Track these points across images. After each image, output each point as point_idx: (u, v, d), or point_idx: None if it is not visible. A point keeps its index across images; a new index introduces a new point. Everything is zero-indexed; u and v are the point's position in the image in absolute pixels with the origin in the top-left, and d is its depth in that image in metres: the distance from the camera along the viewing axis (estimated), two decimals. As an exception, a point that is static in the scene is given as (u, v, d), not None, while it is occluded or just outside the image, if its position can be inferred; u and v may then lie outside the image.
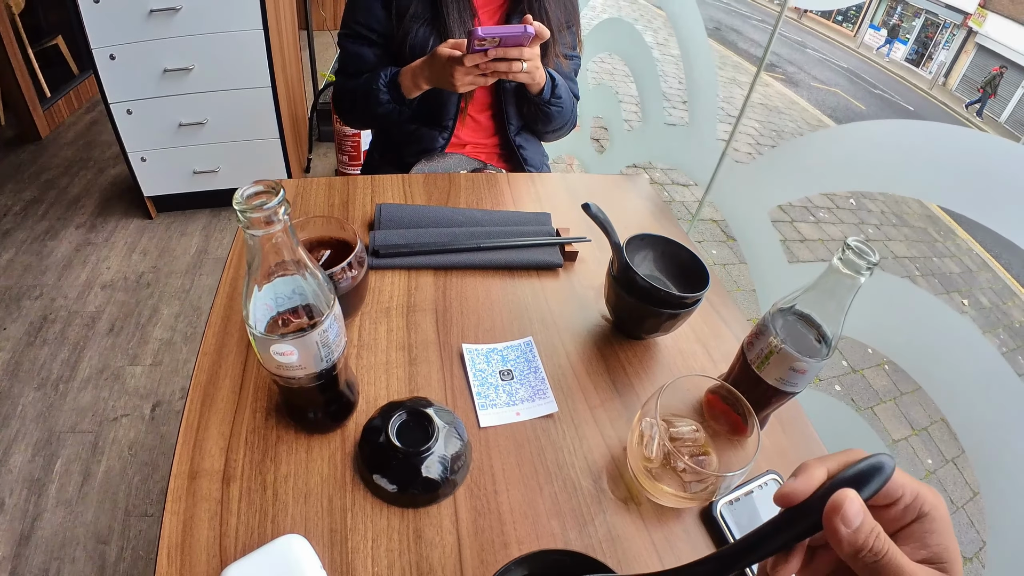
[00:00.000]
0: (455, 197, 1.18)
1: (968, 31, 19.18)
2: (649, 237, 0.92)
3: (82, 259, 2.62)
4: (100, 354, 2.18)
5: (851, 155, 1.27)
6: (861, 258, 0.60)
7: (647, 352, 0.90)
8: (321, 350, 0.61)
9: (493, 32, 1.07)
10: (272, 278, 0.56)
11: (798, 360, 0.67)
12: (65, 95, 3.76)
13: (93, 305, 2.39)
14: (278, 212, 0.51)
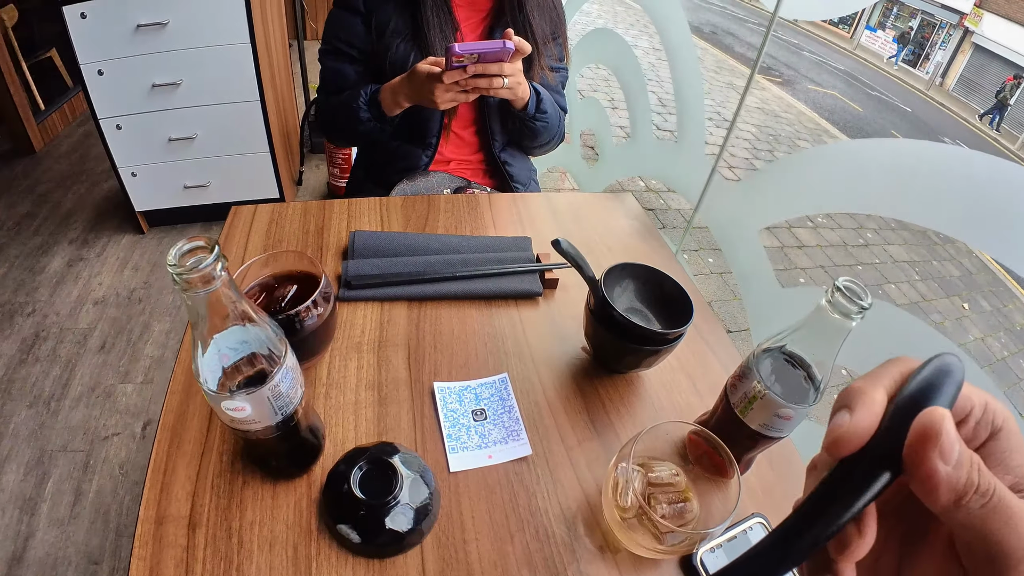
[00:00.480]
0: (433, 221, 1.14)
1: (964, 31, 19.32)
2: (630, 266, 0.88)
3: (74, 275, 2.60)
4: (92, 372, 2.16)
5: (842, 175, 1.24)
6: (852, 302, 0.55)
7: (629, 386, 0.87)
8: (274, 403, 0.58)
9: (471, 48, 1.05)
10: (218, 334, 0.53)
11: (783, 407, 0.64)
12: (59, 108, 3.75)
13: (85, 322, 2.37)
14: (215, 269, 0.47)
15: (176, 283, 0.47)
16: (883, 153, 1.19)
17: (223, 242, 1.04)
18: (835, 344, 0.59)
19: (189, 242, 0.48)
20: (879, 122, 11.61)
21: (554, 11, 1.42)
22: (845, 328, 0.57)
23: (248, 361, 0.56)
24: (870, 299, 0.56)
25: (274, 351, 0.57)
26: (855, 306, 0.55)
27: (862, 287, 0.56)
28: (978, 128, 15.57)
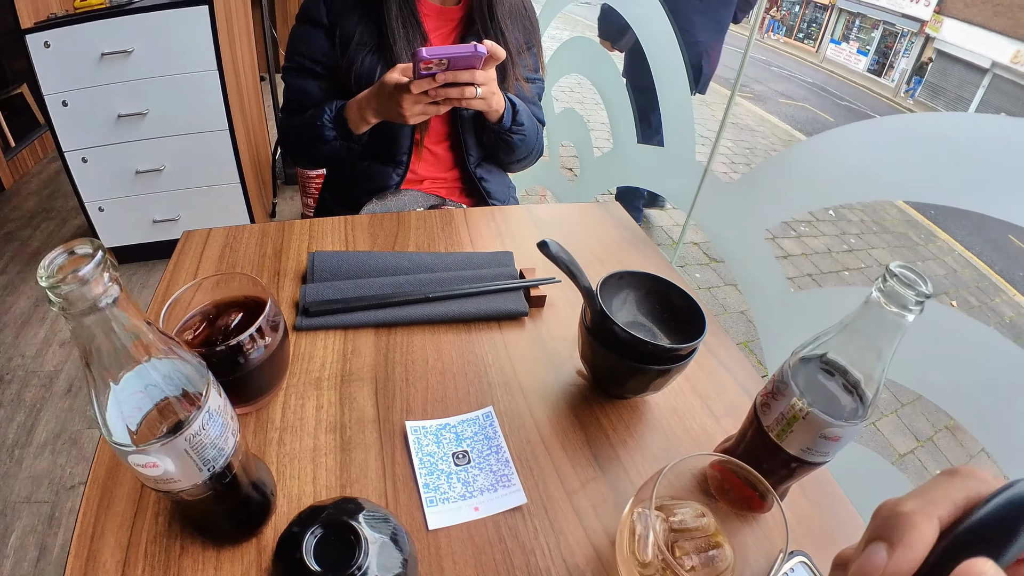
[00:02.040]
0: (404, 239, 1.04)
1: (926, 38, 20.13)
2: (629, 275, 0.77)
3: (40, 315, 2.54)
4: (57, 417, 2.09)
5: (841, 163, 1.20)
6: (910, 287, 0.45)
7: (634, 413, 0.76)
8: (197, 456, 0.46)
9: (440, 52, 0.97)
10: (119, 369, 0.41)
11: (832, 426, 0.52)
12: (29, 144, 3.74)
13: (51, 364, 2.30)
14: (101, 281, 0.36)
15: (52, 304, 0.35)
16: (883, 131, 1.16)
17: (171, 269, 0.93)
18: (890, 345, 0.49)
19: (65, 247, 0.36)
20: (850, 130, 12.09)
21: (527, 19, 1.37)
22: (902, 324, 0.47)
23: (163, 406, 0.44)
24: (930, 285, 0.45)
25: (192, 391, 0.45)
26: (913, 291, 0.45)
27: (918, 272, 0.46)
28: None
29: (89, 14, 2.25)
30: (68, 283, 0.35)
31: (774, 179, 1.34)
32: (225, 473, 0.50)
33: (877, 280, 0.46)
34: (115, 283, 0.37)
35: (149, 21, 2.24)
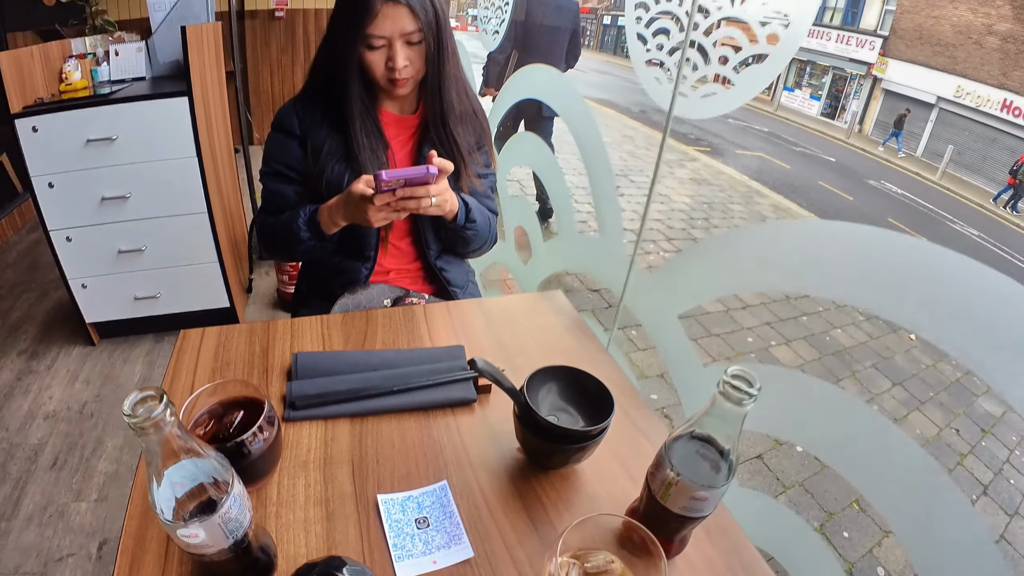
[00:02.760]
0: (372, 336, 1.21)
1: (874, 79, 20.75)
2: (552, 369, 0.95)
3: (24, 388, 2.58)
4: (43, 489, 2.11)
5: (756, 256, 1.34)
6: (741, 391, 0.63)
7: (564, 481, 0.92)
8: (225, 528, 0.63)
9: (397, 175, 1.13)
10: (170, 469, 0.58)
11: (697, 490, 0.70)
12: (8, 214, 3.79)
13: (36, 437, 2.33)
14: (165, 416, 0.54)
15: (132, 429, 0.53)
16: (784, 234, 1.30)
17: (173, 366, 1.08)
18: (736, 426, 0.67)
19: (141, 392, 0.54)
20: (806, 175, 12.22)
21: (476, 122, 1.51)
22: (740, 413, 0.65)
23: (198, 490, 0.61)
24: (759, 385, 0.63)
25: (221, 480, 0.62)
26: (745, 394, 0.63)
27: (750, 375, 0.64)
28: (898, 165, 16.66)
29: (75, 101, 2.37)
30: (146, 425, 0.53)
31: (687, 268, 1.52)
32: (243, 540, 0.66)
33: (718, 384, 0.65)
34: (173, 416, 0.54)
35: (132, 110, 2.37)
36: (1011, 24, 16.89)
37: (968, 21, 17.86)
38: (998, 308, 0.90)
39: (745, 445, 3.19)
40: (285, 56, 5.49)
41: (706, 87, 1.45)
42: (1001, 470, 3.36)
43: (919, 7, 19.22)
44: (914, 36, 19.48)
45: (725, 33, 1.43)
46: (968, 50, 17.80)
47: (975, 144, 17.09)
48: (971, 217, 12.47)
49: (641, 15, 1.65)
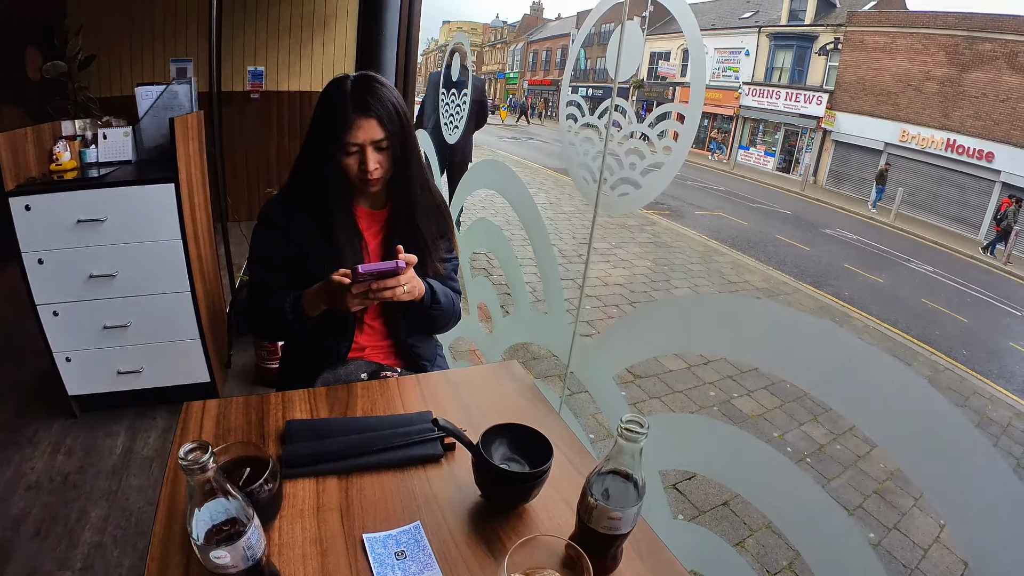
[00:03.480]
0: (353, 405, 1.40)
1: (824, 131, 21.86)
2: (503, 426, 1.16)
3: (5, 459, 2.60)
4: (26, 559, 2.14)
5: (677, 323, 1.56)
6: (635, 432, 0.86)
7: (519, 518, 1.10)
8: (247, 551, 0.81)
9: (371, 268, 1.33)
10: (208, 504, 0.77)
11: (612, 511, 0.91)
12: None
13: (17, 507, 2.35)
14: (208, 463, 0.74)
15: (184, 471, 0.73)
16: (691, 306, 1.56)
17: (180, 433, 1.26)
18: (636, 458, 0.89)
19: (192, 443, 0.75)
20: (764, 230, 12.54)
21: (438, 213, 1.71)
22: (638, 447, 0.88)
23: (226, 523, 0.79)
24: (647, 425, 0.86)
25: (246, 514, 0.81)
26: (639, 434, 0.86)
27: (640, 418, 0.86)
28: (855, 213, 17.25)
29: (68, 183, 2.50)
30: (195, 468, 0.73)
31: (617, 337, 1.74)
32: (257, 564, 0.84)
33: (616, 429, 0.87)
34: (214, 463, 0.74)
35: (122, 194, 2.53)
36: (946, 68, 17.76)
37: (906, 70, 18.79)
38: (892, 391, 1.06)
39: (711, 493, 3.35)
40: (260, 136, 5.69)
41: (621, 188, 1.72)
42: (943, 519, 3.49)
43: (860, 61, 20.27)
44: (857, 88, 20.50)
45: (632, 145, 1.69)
46: (909, 96, 18.81)
47: (925, 184, 17.91)
48: (926, 255, 12.83)
49: (571, 125, 1.92)
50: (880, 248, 12.73)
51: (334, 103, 1.48)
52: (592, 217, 1.77)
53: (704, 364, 4.96)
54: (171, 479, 1.13)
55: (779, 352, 1.27)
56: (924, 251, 13.27)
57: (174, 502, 1.08)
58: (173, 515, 1.05)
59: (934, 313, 8.52)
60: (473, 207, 8.39)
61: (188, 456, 0.74)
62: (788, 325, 1.24)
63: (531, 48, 46.21)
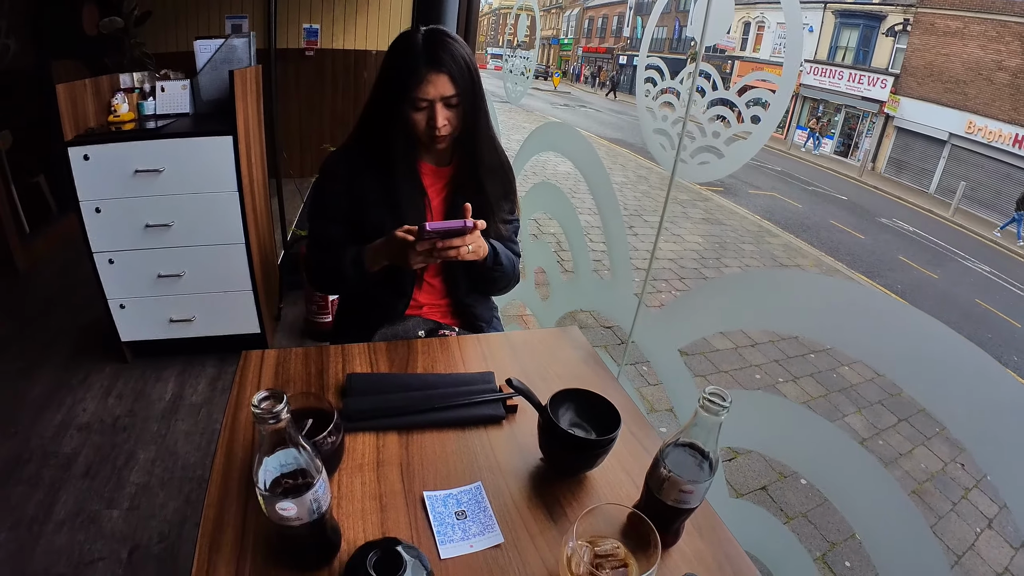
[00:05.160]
0: (413, 361, 1.38)
1: (886, 117, 20.88)
2: (570, 391, 1.13)
3: (58, 400, 2.68)
4: (75, 496, 2.20)
5: (748, 299, 1.51)
6: (717, 404, 0.82)
7: (579, 486, 1.08)
8: (313, 504, 0.80)
9: (439, 227, 1.29)
10: (275, 452, 0.76)
11: (685, 484, 0.88)
12: (44, 233, 3.93)
13: (69, 447, 2.43)
14: (282, 412, 0.72)
15: (256, 419, 0.71)
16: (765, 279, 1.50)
17: (238, 381, 1.25)
18: (713, 433, 0.85)
19: (266, 391, 0.73)
20: (818, 214, 12.28)
21: (504, 174, 1.68)
22: (717, 422, 0.84)
23: (294, 475, 0.78)
24: (730, 400, 0.82)
25: (315, 466, 0.79)
26: (719, 407, 0.82)
27: (723, 392, 0.82)
28: (913, 203, 16.60)
29: (126, 133, 2.53)
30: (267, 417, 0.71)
31: (688, 308, 1.70)
32: (321, 518, 0.83)
33: (698, 400, 0.83)
34: (288, 414, 0.73)
35: (180, 145, 2.55)
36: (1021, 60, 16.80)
37: (978, 58, 17.85)
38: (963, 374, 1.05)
39: (749, 477, 3.31)
40: (314, 93, 5.70)
41: (701, 156, 1.66)
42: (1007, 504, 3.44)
43: (930, 45, 19.28)
44: (925, 73, 19.54)
45: (716, 112, 1.63)
46: (979, 86, 17.81)
47: (988, 180, 17.04)
48: (983, 253, 12.38)
49: (649, 89, 1.85)
50: (937, 242, 12.30)
51: (404, 57, 1.44)
52: (668, 187, 1.72)
53: (752, 346, 4.91)
54: (229, 426, 1.13)
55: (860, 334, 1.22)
56: (983, 250, 12.75)
57: (232, 449, 1.08)
58: (232, 461, 1.05)
59: (987, 315, 8.22)
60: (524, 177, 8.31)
61: (262, 405, 0.72)
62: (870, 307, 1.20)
63: (587, 14, 45.20)
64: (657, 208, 8.34)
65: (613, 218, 2.02)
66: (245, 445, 1.09)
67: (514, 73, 3.37)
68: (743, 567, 0.96)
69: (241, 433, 1.12)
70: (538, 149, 2.63)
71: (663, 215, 1.75)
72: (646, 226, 8.01)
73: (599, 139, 15.34)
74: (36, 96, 3.94)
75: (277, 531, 0.84)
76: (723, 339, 4.83)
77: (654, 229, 7.40)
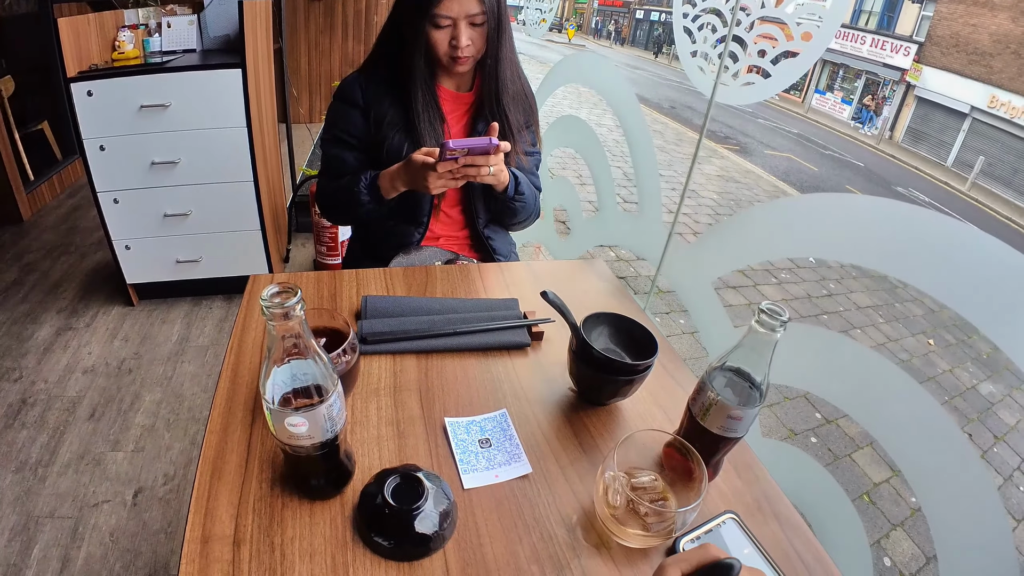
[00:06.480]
0: (432, 288, 1.30)
1: (907, 85, 20.52)
2: (603, 315, 1.05)
3: (63, 343, 2.67)
4: (81, 439, 2.19)
5: (779, 227, 1.45)
6: (774, 318, 0.73)
7: (609, 416, 1.01)
8: (326, 423, 0.72)
9: (463, 144, 1.21)
10: (287, 361, 0.68)
11: (734, 409, 0.80)
12: (48, 179, 3.90)
13: (74, 390, 2.42)
14: (295, 309, 0.63)
15: (265, 314, 0.63)
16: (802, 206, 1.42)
17: (245, 306, 1.18)
18: (767, 354, 0.77)
19: (278, 285, 0.64)
20: (834, 179, 12.22)
21: (527, 102, 1.59)
22: (772, 340, 0.75)
23: (307, 389, 0.70)
24: (788, 315, 0.73)
25: (330, 379, 0.71)
26: (777, 321, 0.73)
27: (780, 307, 0.74)
28: (929, 174, 16.33)
29: (130, 68, 2.45)
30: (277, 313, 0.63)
31: (721, 240, 1.62)
32: (335, 439, 0.76)
33: (754, 314, 0.75)
34: (303, 312, 0.65)
35: (187, 79, 2.47)
36: (1052, 34, 16.50)
37: (1007, 30, 17.39)
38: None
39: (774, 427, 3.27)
40: (323, 37, 5.60)
41: (745, 76, 1.56)
42: (1011, 476, 3.43)
43: (957, 14, 18.80)
44: (950, 43, 19.08)
45: (763, 30, 1.53)
46: (1006, 60, 17.37)
47: (1007, 156, 16.72)
48: (999, 230, 12.42)
49: (688, 10, 1.76)
50: (952, 216, 12.09)
51: None
52: (707, 109, 1.63)
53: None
54: (235, 349, 1.07)
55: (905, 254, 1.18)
56: (998, 227, 12.66)
57: (237, 373, 1.01)
58: (237, 386, 0.98)
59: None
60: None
61: (273, 299, 0.63)
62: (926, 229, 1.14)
63: (604, -35, 44.26)
64: (673, 163, 8.24)
65: (644, 153, 1.95)
66: (252, 369, 1.02)
67: (527, 24, 3.25)
68: (782, 508, 0.89)
69: (248, 356, 1.05)
70: (562, 82, 2.53)
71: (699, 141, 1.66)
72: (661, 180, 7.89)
73: (632, 91, 15.18)
74: (39, 41, 3.86)
75: (285, 454, 0.77)
76: (736, 295, 4.75)
77: (669, 184, 7.35)
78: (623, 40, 38.31)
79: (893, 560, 2.59)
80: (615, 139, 7.46)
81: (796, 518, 0.87)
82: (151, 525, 1.89)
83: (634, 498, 0.74)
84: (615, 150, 6.86)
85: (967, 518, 1.04)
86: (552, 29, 4.84)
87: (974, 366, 4.66)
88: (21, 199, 3.61)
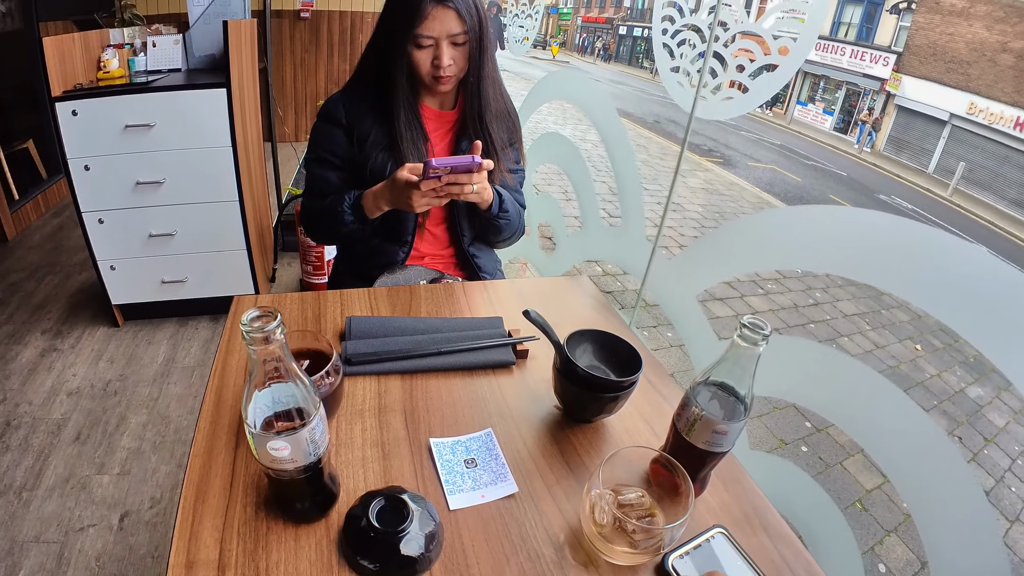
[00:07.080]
0: (416, 307, 1.30)
1: (887, 95, 20.66)
2: (587, 332, 1.05)
3: (47, 365, 2.64)
4: (66, 462, 2.16)
5: (764, 239, 1.46)
6: (756, 332, 0.73)
7: (596, 434, 1.01)
8: (309, 446, 0.72)
9: (446, 163, 1.21)
10: (268, 384, 0.67)
11: (719, 423, 0.80)
12: (33, 199, 3.85)
13: (59, 412, 2.39)
14: (275, 333, 0.63)
15: (245, 339, 0.62)
16: (781, 218, 1.44)
17: (229, 327, 1.17)
18: (750, 368, 0.77)
19: (259, 309, 0.64)
20: (818, 189, 12.27)
21: (510, 120, 1.60)
22: (755, 354, 0.75)
23: (289, 412, 0.70)
24: (769, 328, 0.74)
25: (312, 402, 0.71)
26: (759, 335, 0.73)
27: (762, 320, 0.74)
28: (912, 182, 16.48)
29: (115, 88, 2.43)
30: (258, 337, 0.63)
31: (705, 253, 1.64)
32: (319, 462, 0.75)
33: (736, 329, 0.75)
34: (283, 336, 0.64)
35: (172, 99, 2.45)
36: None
37: (983, 38, 17.61)
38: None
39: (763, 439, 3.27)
40: (309, 55, 5.61)
41: (724, 91, 1.59)
42: (1003, 478, 3.44)
43: (933, 24, 19.03)
44: (928, 53, 19.30)
45: (741, 45, 1.55)
46: (982, 67, 17.58)
47: (987, 161, 16.90)
48: (980, 234, 12.41)
49: (667, 27, 1.78)
50: (935, 221, 12.20)
51: None
52: (687, 123, 1.65)
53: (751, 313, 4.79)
54: (219, 373, 1.06)
55: (890, 264, 1.19)
56: (980, 231, 12.74)
57: (221, 396, 1.00)
58: (221, 409, 0.98)
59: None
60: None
61: (253, 324, 0.63)
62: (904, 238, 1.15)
63: (587, -17, 44.65)
64: (658, 177, 8.28)
65: (627, 166, 1.96)
66: (236, 392, 1.01)
67: (510, 41, 3.28)
68: (771, 519, 0.89)
69: (232, 379, 1.04)
70: (547, 98, 2.55)
71: (681, 155, 1.67)
72: (646, 194, 7.93)
73: (615, 109, 15.31)
74: (24, 59, 3.84)
75: (269, 477, 0.76)
76: (723, 306, 4.77)
77: (654, 197, 7.38)
78: (609, 56, 38.63)
79: (888, 566, 2.59)
80: (600, 154, 7.50)
81: (785, 530, 0.87)
82: (138, 549, 1.86)
83: (620, 516, 0.74)
84: (600, 165, 6.90)
85: (956, 523, 1.05)
86: (536, 46, 4.88)
87: (962, 369, 4.68)
88: (5, 218, 3.58)
